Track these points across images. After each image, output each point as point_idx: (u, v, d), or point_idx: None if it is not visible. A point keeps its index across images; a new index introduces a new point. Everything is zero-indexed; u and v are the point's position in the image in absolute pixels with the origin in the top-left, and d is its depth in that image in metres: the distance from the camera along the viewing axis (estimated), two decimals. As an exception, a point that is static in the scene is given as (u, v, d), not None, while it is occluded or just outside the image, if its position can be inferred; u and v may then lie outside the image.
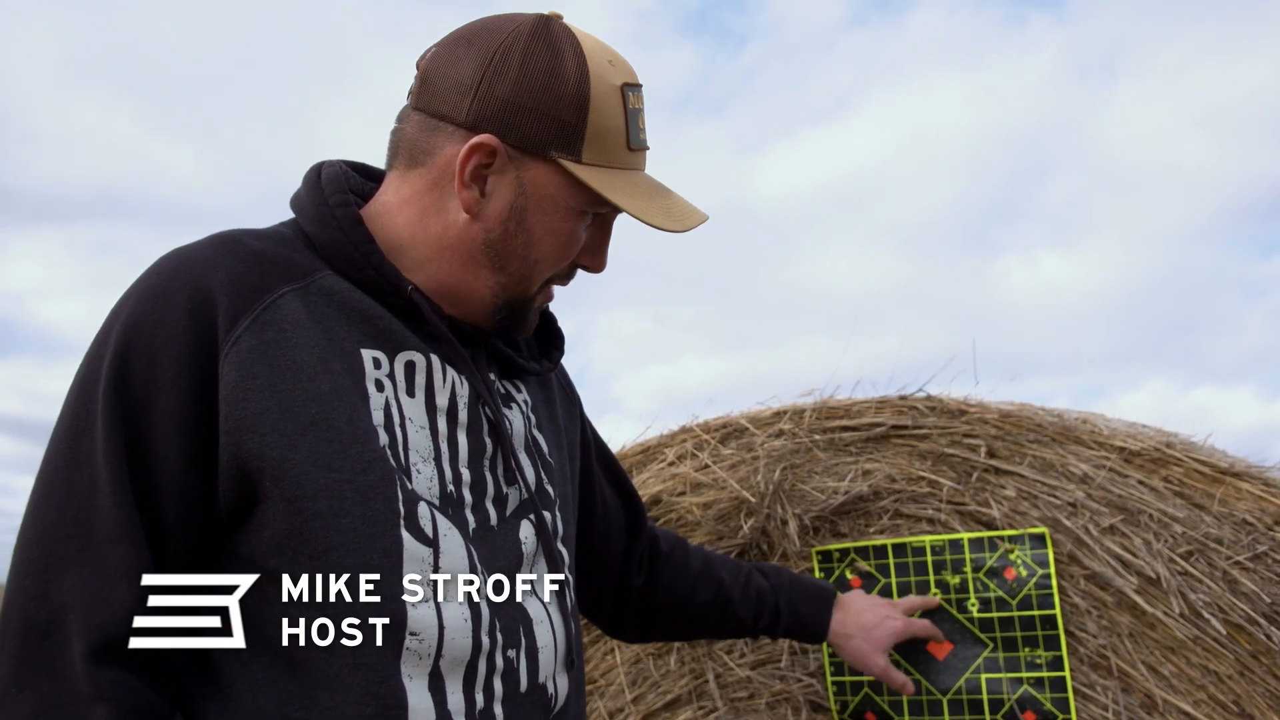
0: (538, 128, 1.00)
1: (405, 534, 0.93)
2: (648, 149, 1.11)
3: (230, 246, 0.96)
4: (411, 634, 0.92)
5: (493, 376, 1.13)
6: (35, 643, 0.83)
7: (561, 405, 1.30)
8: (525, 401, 1.18)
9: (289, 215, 1.08)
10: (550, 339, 1.26)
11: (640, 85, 1.09)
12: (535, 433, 1.18)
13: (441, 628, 0.94)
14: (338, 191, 1.05)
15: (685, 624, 1.57)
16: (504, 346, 1.15)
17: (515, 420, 1.14)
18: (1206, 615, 1.92)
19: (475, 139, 1.00)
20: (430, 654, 0.94)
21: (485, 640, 0.98)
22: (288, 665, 0.90)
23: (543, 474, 1.15)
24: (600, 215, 1.09)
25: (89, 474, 0.86)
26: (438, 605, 0.94)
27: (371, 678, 0.90)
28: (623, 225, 1.11)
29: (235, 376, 0.88)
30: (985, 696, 2.00)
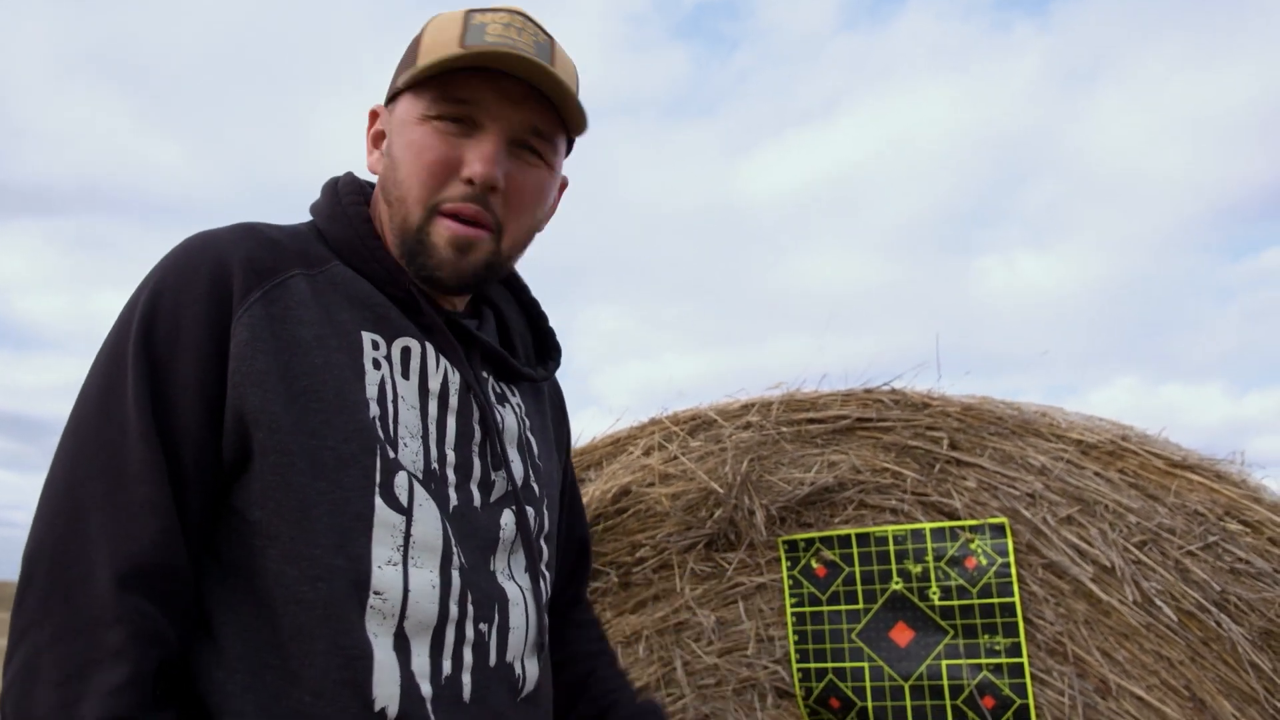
0: (394, 80, 1.15)
1: (379, 500, 0.98)
2: (505, 50, 1.04)
3: (250, 232, 1.06)
4: (375, 593, 0.96)
5: (486, 375, 1.18)
6: (60, 575, 0.89)
7: (553, 420, 1.35)
8: (519, 405, 1.23)
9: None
10: (547, 350, 1.32)
11: (502, 9, 1.11)
12: (529, 434, 1.23)
13: (406, 591, 0.99)
14: (351, 193, 1.16)
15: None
16: (498, 347, 1.19)
17: (508, 417, 1.18)
18: (1159, 603, 1.98)
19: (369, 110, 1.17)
20: (394, 614, 0.97)
21: (454, 609, 1.02)
22: (269, 616, 0.95)
23: (530, 472, 1.19)
24: (461, 123, 1.09)
25: (119, 423, 0.93)
26: (406, 570, 0.99)
27: (338, 629, 0.94)
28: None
29: (246, 336, 0.97)
30: (946, 682, 2.05)
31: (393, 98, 1.13)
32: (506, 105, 1.08)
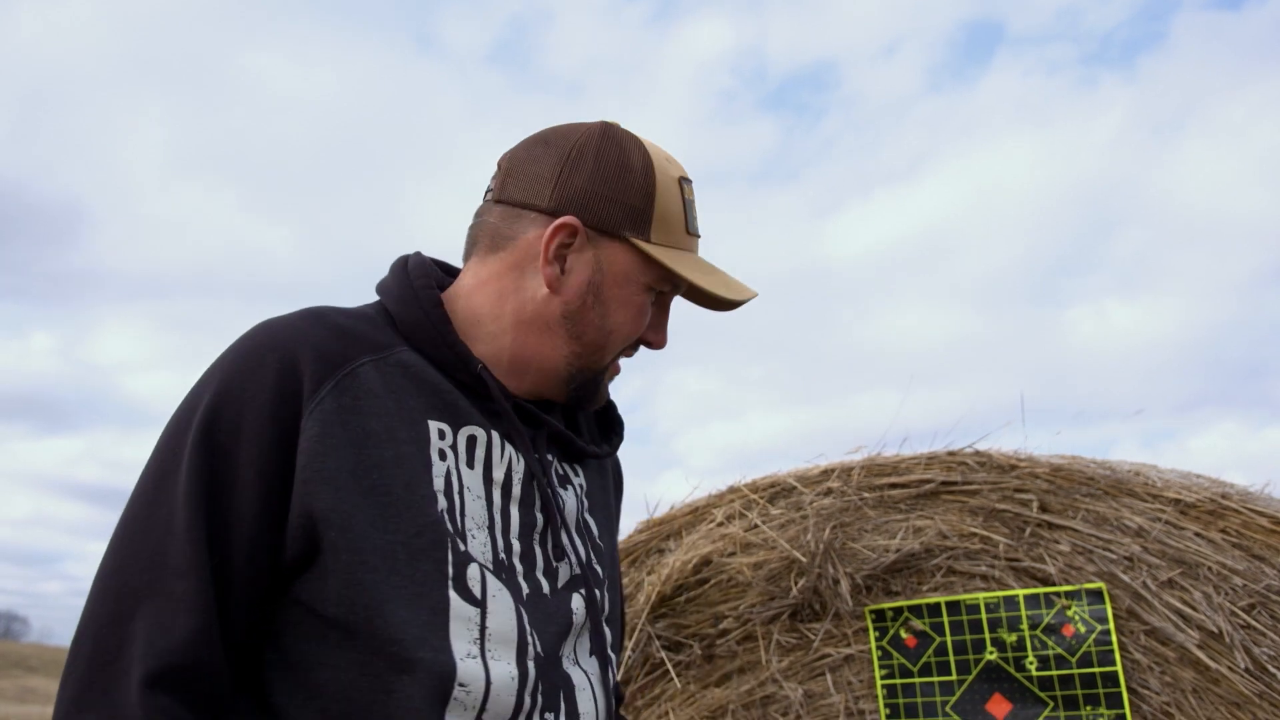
0: (613, 211, 1.12)
1: (453, 594, 0.98)
2: (699, 236, 1.21)
3: (318, 319, 1.05)
4: (460, 685, 0.95)
5: (551, 458, 1.19)
6: (99, 668, 0.89)
7: (614, 495, 1.36)
8: (581, 485, 1.24)
9: (372, 292, 1.16)
10: (610, 424, 1.33)
11: (691, 180, 1.21)
12: (587, 515, 1.23)
13: (489, 683, 0.97)
14: (422, 276, 1.15)
15: None
16: (565, 429, 1.20)
17: (569, 500, 1.18)
18: (1272, 670, 1.89)
19: (559, 220, 1.11)
20: (475, 706, 0.97)
21: (528, 700, 1.01)
22: (340, 707, 0.94)
23: (592, 554, 1.19)
24: (661, 294, 1.18)
25: (167, 513, 0.93)
26: (486, 662, 0.98)
27: None
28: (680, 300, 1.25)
29: (317, 432, 0.96)
30: (1048, 757, 1.97)
31: (606, 231, 1.11)
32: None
